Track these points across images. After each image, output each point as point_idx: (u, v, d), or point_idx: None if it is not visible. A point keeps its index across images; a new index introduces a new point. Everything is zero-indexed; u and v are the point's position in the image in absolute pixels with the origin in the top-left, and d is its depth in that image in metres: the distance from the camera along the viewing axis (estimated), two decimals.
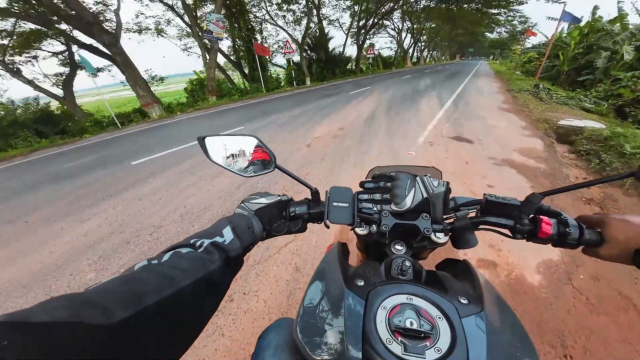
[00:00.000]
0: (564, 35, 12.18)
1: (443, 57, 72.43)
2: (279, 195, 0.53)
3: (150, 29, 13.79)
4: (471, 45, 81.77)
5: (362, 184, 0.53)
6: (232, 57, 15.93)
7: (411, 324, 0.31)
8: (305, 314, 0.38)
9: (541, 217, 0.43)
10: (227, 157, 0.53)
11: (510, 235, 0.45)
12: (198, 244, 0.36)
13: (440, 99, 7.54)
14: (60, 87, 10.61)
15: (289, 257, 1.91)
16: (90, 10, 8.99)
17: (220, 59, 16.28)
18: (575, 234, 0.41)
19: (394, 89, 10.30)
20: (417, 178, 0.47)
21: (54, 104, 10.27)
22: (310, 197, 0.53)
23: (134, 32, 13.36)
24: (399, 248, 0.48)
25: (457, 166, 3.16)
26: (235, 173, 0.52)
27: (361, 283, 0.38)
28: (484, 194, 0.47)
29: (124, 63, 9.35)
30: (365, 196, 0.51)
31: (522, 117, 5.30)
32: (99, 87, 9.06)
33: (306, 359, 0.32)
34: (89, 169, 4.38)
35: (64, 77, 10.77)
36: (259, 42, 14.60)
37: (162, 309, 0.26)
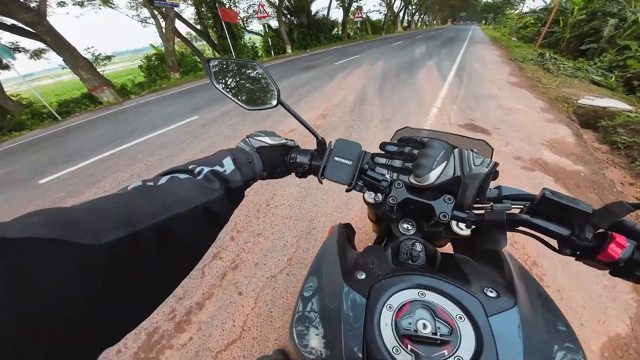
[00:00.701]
0: (564, 0, 11.08)
1: (435, 22, 68.14)
2: (285, 139, 0.48)
3: (93, 0, 11.22)
4: (463, 9, 77.62)
5: (382, 146, 0.42)
6: (197, 26, 13.60)
7: (424, 326, 0.26)
8: (302, 314, 0.34)
9: (614, 233, 0.29)
10: (230, 84, 0.49)
11: (556, 248, 0.32)
12: (197, 170, 0.33)
13: (440, 71, 6.45)
14: None
15: None
16: None
17: (186, 29, 13.98)
18: None
19: (386, 59, 8.99)
20: (455, 150, 0.36)
21: None
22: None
23: (75, 4, 10.86)
24: (407, 227, 0.42)
25: None
26: (237, 103, 0.47)
27: (362, 276, 0.33)
28: (543, 188, 0.32)
29: (56, 43, 7.52)
30: (383, 160, 0.41)
31: (537, 95, 4.45)
32: (24, 76, 7.30)
33: None
34: None
35: None
36: (225, 7, 12.37)
37: (157, 235, 0.24)
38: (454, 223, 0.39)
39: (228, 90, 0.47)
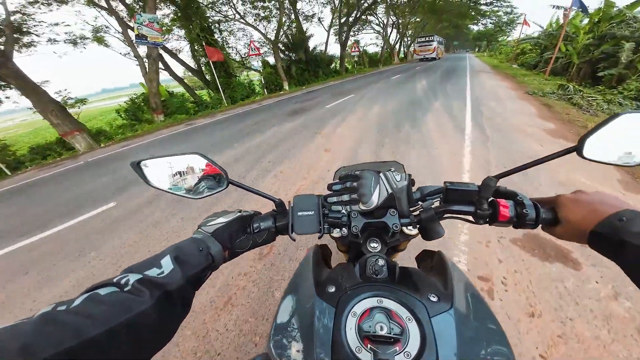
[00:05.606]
0: (561, 23, 10.75)
1: None
2: (238, 211, 0.50)
3: (87, 38, 11.19)
4: (456, 38, 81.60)
5: (329, 186, 0.52)
6: (193, 65, 13.46)
7: (381, 328, 0.31)
8: (278, 326, 0.38)
9: (498, 200, 0.43)
10: (170, 180, 0.48)
11: (473, 220, 0.46)
12: (123, 281, 0.30)
13: (452, 116, 5.26)
14: None
15: None
16: None
17: (180, 68, 13.89)
18: (532, 214, 0.41)
19: (385, 98, 8.09)
20: (381, 174, 0.47)
21: None
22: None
23: (67, 42, 10.81)
24: (374, 245, 0.48)
25: None
26: (182, 196, 0.48)
27: (332, 289, 0.38)
28: (445, 182, 0.47)
29: (23, 86, 6.91)
30: (334, 198, 0.50)
31: None
32: None
33: None
34: None
35: None
36: (219, 44, 12.20)
37: None
38: (404, 228, 0.47)
39: (169, 187, 0.47)
